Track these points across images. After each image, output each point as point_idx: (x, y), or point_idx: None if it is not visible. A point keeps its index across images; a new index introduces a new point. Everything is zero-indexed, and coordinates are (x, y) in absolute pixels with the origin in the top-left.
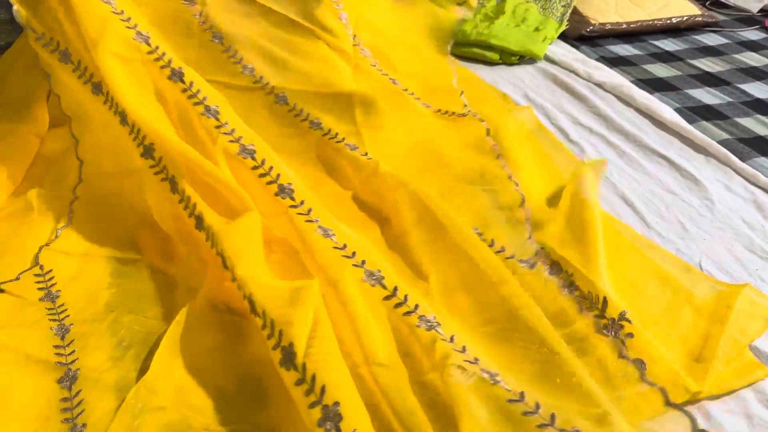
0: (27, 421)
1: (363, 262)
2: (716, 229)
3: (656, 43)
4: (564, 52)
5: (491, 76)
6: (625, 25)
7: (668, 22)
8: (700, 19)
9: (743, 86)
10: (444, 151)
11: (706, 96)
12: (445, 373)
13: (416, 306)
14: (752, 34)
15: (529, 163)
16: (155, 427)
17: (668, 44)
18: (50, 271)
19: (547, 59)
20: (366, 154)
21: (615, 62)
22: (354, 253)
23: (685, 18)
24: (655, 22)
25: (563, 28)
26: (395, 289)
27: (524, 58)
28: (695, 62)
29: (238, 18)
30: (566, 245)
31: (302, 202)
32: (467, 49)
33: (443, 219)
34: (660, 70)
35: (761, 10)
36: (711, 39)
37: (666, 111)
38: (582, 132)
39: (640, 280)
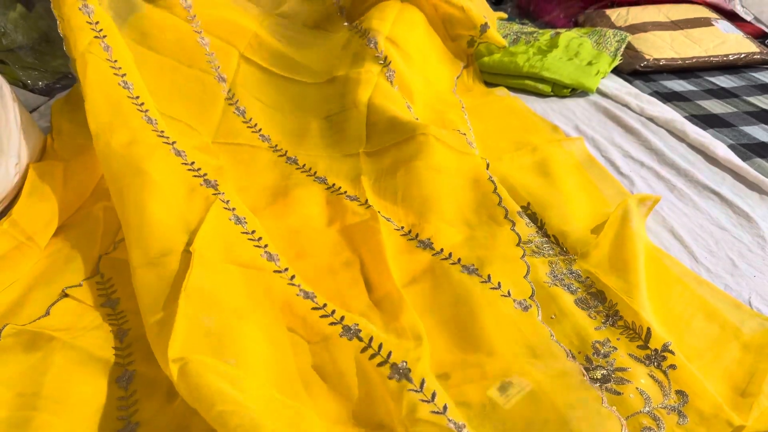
0: (85, 416)
1: (342, 318)
2: None
3: (711, 79)
4: (617, 86)
5: (542, 108)
6: (680, 61)
7: (725, 59)
8: (758, 56)
9: None
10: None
11: (762, 133)
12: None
13: (389, 354)
14: None
15: (577, 192)
16: (204, 428)
17: (724, 81)
18: (110, 278)
19: (600, 92)
20: (366, 201)
21: (669, 97)
22: (333, 311)
23: (742, 55)
24: (711, 58)
25: (617, 62)
26: (370, 339)
27: (576, 91)
28: (751, 99)
29: (260, 103)
30: (610, 274)
31: (286, 269)
32: (519, 80)
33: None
34: (714, 106)
35: None
36: None
37: (719, 147)
38: (633, 165)
39: (686, 313)
